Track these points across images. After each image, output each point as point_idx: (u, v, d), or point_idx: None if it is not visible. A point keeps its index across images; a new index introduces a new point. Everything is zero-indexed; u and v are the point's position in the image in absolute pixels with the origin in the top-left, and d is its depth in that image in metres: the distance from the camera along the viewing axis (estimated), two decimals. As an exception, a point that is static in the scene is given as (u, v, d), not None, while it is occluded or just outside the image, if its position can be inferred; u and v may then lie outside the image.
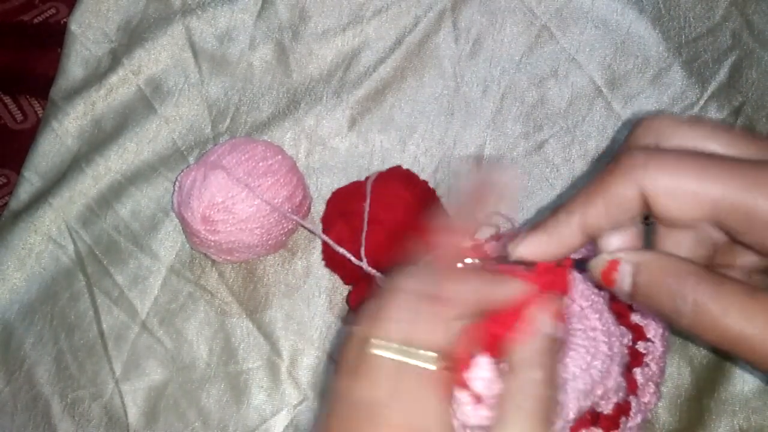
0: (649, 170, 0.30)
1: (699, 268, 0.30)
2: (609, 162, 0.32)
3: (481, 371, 0.33)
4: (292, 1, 0.68)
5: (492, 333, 0.34)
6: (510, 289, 0.34)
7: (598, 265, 0.32)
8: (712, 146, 0.31)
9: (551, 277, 0.34)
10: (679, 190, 0.30)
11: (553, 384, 0.33)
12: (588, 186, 0.32)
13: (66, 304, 0.60)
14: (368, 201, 0.56)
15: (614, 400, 0.42)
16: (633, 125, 0.34)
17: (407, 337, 0.32)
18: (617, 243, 0.33)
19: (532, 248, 0.33)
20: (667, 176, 0.30)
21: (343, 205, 0.58)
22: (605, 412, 0.42)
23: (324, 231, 0.58)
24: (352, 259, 0.55)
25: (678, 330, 0.34)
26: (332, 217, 0.59)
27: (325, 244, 0.59)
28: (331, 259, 0.59)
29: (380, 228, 0.56)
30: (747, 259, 0.33)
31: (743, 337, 0.28)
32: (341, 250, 0.56)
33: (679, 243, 0.33)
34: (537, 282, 0.34)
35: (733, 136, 0.31)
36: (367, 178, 0.59)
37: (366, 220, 0.56)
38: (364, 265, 0.55)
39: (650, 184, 0.30)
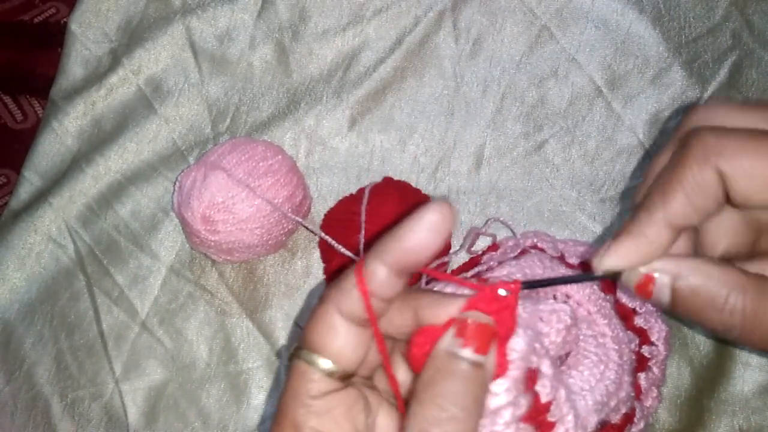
0: (724, 150, 0.28)
1: (742, 277, 0.28)
2: (676, 148, 0.30)
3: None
4: (292, 1, 0.68)
5: (411, 351, 0.30)
6: (445, 310, 0.30)
7: (631, 278, 0.30)
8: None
9: (497, 305, 0.30)
10: (757, 168, 0.28)
11: (466, 421, 0.28)
12: (662, 178, 0.30)
13: (66, 304, 0.60)
14: (362, 234, 0.56)
15: (624, 410, 0.42)
16: (684, 114, 0.32)
17: (316, 345, 0.30)
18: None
19: (620, 257, 0.30)
20: (744, 155, 0.28)
21: (339, 233, 0.58)
22: (613, 422, 0.41)
23: (325, 262, 0.59)
24: (345, 251, 0.55)
25: (722, 339, 0.32)
26: (330, 250, 0.59)
27: (324, 260, 0.60)
28: (327, 263, 0.60)
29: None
30: None
31: None
32: (343, 250, 0.56)
33: (724, 228, 0.32)
34: (483, 307, 0.30)
35: None
36: (360, 193, 0.59)
37: (362, 243, 0.56)
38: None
39: (727, 165, 0.28)
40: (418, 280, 0.52)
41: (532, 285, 0.33)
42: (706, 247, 0.33)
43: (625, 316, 0.47)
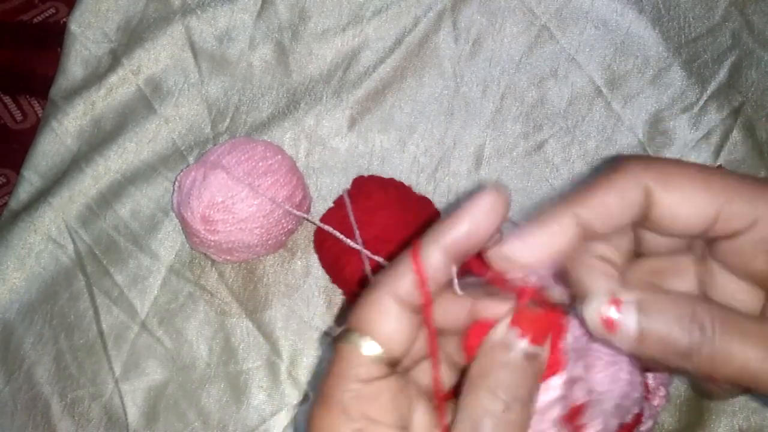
0: (655, 170, 0.29)
1: (709, 300, 0.28)
2: (609, 167, 0.30)
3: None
4: (292, 1, 0.68)
5: (468, 341, 0.30)
6: (504, 303, 0.30)
7: (593, 306, 0.28)
8: None
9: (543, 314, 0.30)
10: (686, 193, 0.29)
11: (519, 412, 0.28)
12: (589, 182, 0.30)
13: (66, 304, 0.60)
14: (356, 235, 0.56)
15: (635, 410, 0.42)
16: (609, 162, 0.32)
17: (367, 329, 0.29)
18: (603, 283, 0.29)
19: (519, 243, 0.29)
20: (675, 176, 0.29)
21: (335, 245, 0.58)
22: (623, 421, 0.41)
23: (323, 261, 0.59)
24: (353, 244, 0.55)
25: (683, 374, 0.32)
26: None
27: (321, 256, 0.60)
28: (330, 269, 0.59)
29: (373, 238, 0.56)
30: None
31: (765, 371, 0.26)
32: (352, 243, 0.56)
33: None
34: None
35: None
36: (339, 201, 0.59)
37: (357, 235, 0.56)
38: (365, 251, 0.55)
39: (657, 184, 0.29)
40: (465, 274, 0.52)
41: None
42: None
43: None
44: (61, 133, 0.65)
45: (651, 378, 0.45)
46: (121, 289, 0.61)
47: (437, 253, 0.29)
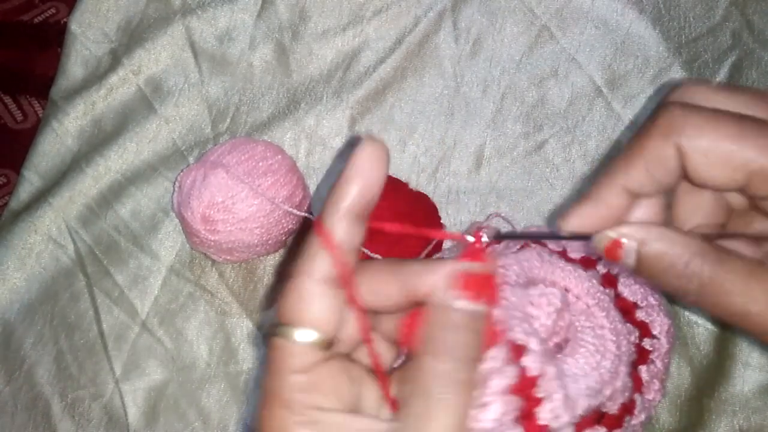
0: (686, 128, 0.30)
1: (703, 246, 0.30)
2: (647, 120, 0.32)
3: None
4: (292, 1, 0.68)
5: (407, 326, 0.31)
6: (433, 274, 0.30)
7: (601, 240, 0.31)
8: (749, 114, 0.31)
9: (473, 258, 0.31)
10: (714, 150, 0.30)
11: (468, 371, 0.29)
12: (627, 148, 0.32)
13: (66, 304, 0.60)
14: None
15: (620, 400, 0.42)
16: (669, 89, 0.33)
17: (292, 317, 0.30)
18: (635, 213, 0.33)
19: (581, 219, 0.32)
20: (704, 135, 0.30)
21: None
22: (610, 412, 0.42)
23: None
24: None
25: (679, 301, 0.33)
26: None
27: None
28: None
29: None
30: (760, 226, 0.33)
31: (746, 314, 0.28)
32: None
33: (697, 206, 0.34)
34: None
35: None
36: None
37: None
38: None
39: (686, 143, 0.30)
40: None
41: (504, 236, 0.33)
42: (677, 222, 0.35)
43: (627, 310, 0.47)
44: (62, 133, 0.65)
45: (644, 371, 0.45)
46: (122, 289, 0.61)
47: (340, 222, 0.30)
